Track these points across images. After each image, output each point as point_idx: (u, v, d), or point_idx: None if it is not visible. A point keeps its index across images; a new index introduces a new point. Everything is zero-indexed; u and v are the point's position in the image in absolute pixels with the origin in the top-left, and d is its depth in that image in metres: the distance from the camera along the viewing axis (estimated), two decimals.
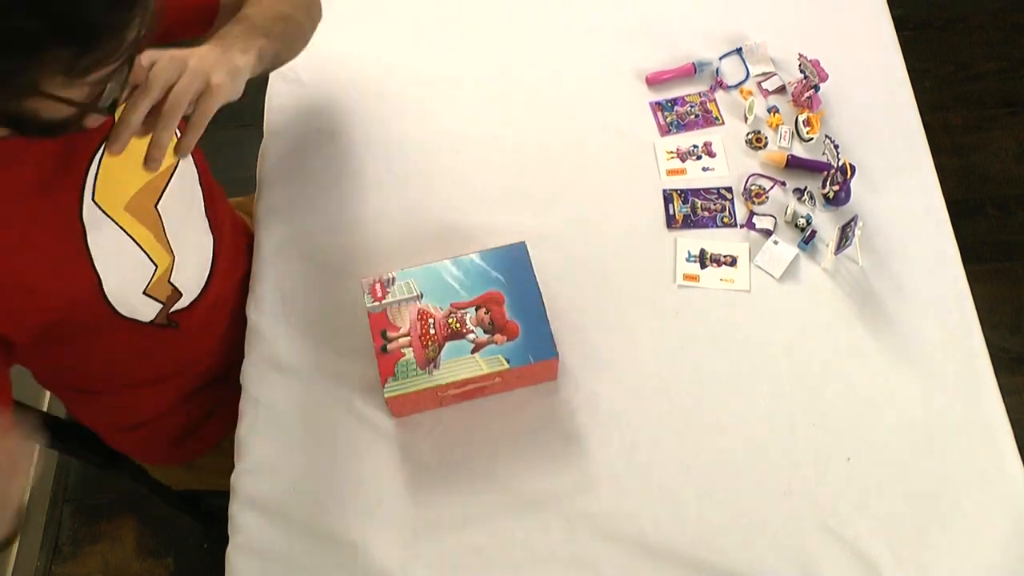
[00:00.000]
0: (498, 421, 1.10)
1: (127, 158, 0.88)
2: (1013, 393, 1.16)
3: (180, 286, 1.08)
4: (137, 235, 0.98)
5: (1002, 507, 1.04)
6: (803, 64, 1.27)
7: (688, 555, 1.02)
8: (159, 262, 1.02)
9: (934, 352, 1.12)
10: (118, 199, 0.96)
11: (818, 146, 1.26)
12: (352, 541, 1.04)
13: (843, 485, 1.05)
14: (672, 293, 1.17)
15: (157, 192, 1.02)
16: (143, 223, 0.99)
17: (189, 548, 1.78)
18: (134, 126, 0.84)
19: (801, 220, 1.20)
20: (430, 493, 1.06)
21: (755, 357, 1.13)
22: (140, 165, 0.90)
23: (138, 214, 0.98)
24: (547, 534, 1.03)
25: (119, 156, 0.86)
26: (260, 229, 1.25)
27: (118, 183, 0.95)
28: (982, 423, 1.08)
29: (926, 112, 1.30)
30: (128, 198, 0.97)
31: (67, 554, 1.79)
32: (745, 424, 1.09)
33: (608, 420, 1.10)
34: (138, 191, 0.98)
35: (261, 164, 1.30)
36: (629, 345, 1.14)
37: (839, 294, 1.16)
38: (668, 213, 1.22)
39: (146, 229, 1.00)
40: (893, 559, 1.01)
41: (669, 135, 1.29)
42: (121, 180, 0.96)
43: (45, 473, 1.82)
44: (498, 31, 1.40)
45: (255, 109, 1.36)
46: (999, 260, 2.06)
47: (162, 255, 1.03)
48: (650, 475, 1.06)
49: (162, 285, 1.05)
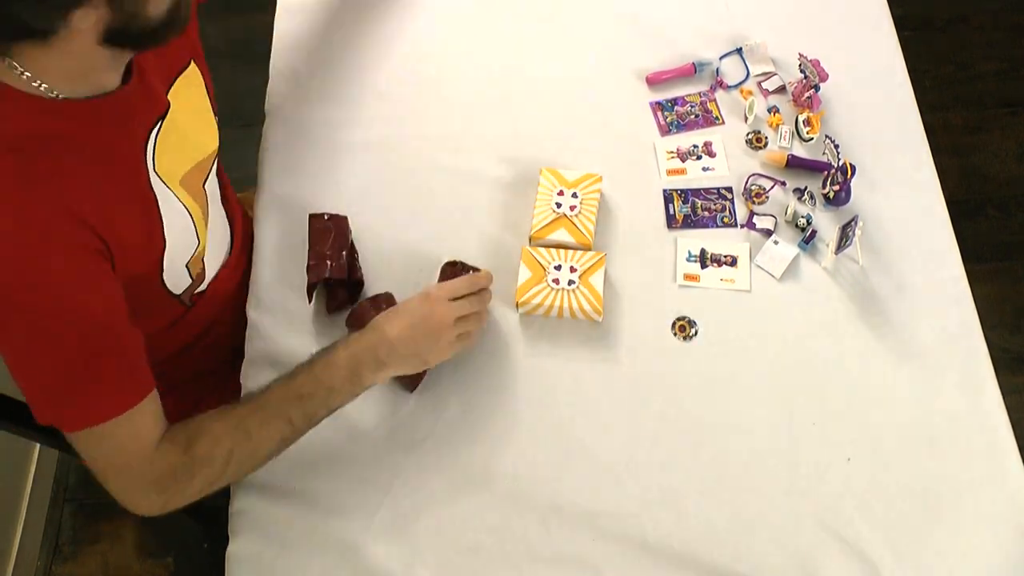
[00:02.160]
0: (498, 421, 1.10)
1: (179, 135, 0.98)
2: (1013, 393, 1.16)
3: (207, 266, 1.13)
4: (191, 209, 1.04)
5: (1002, 507, 1.04)
6: (803, 64, 1.27)
7: (688, 555, 1.02)
8: (201, 239, 1.07)
9: (934, 352, 1.12)
10: (174, 173, 1.01)
11: (818, 146, 1.25)
12: (352, 541, 1.04)
13: (843, 485, 1.05)
14: (672, 293, 1.17)
15: (205, 172, 1.09)
16: (194, 199, 1.05)
17: (189, 548, 1.78)
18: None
19: (801, 220, 1.20)
20: (430, 493, 1.06)
21: (755, 357, 1.13)
22: (190, 143, 1.03)
23: (190, 190, 1.04)
24: (547, 534, 1.04)
25: (171, 134, 0.97)
26: (260, 227, 1.25)
27: (172, 159, 1.00)
28: (982, 423, 1.08)
29: (926, 112, 1.30)
30: (183, 174, 1.03)
31: (67, 554, 1.78)
32: (745, 424, 1.09)
33: (608, 420, 1.10)
34: (189, 169, 1.04)
35: (260, 161, 1.30)
36: (629, 345, 1.14)
37: (839, 294, 1.16)
38: (668, 213, 1.22)
39: (197, 205, 1.06)
40: (893, 559, 1.01)
41: (669, 135, 1.29)
42: (174, 157, 1.01)
43: (45, 473, 1.82)
44: (498, 31, 1.40)
45: (255, 109, 1.36)
46: (999, 260, 2.06)
47: (203, 232, 1.08)
48: (650, 475, 1.06)
49: (197, 262, 1.09)
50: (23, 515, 1.74)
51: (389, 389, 1.11)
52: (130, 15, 0.80)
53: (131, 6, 0.79)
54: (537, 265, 1.14)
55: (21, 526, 1.73)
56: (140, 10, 0.80)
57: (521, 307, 1.13)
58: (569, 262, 1.14)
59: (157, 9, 0.82)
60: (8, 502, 1.72)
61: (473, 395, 1.11)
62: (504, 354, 1.14)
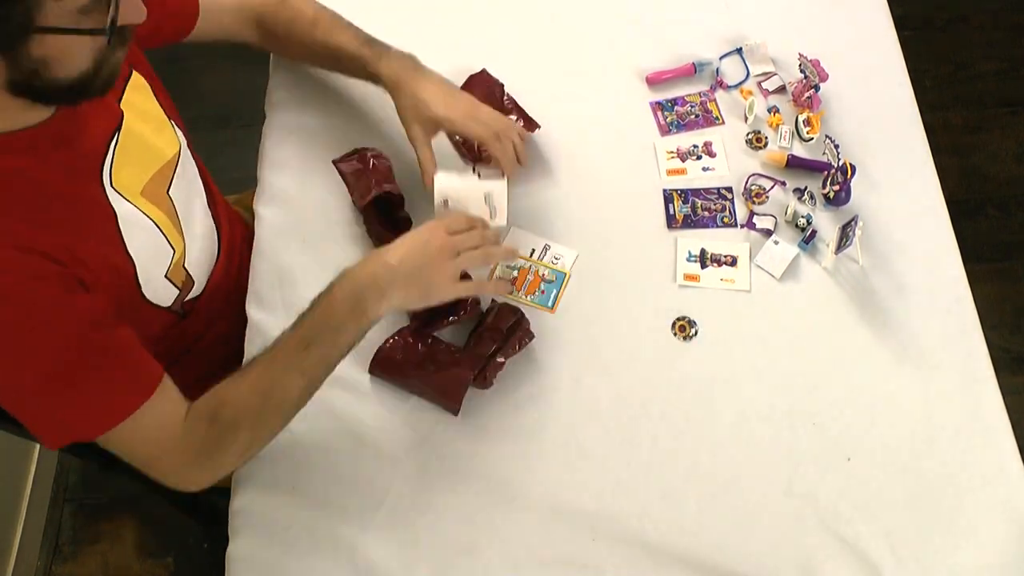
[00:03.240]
0: (498, 422, 1.10)
1: (137, 143, 0.97)
2: (1013, 393, 1.16)
3: (192, 273, 1.13)
4: (156, 219, 1.03)
5: (1002, 507, 1.04)
6: (803, 64, 1.27)
7: (688, 555, 1.02)
8: (175, 246, 1.07)
9: (934, 352, 1.12)
10: (134, 185, 1.00)
11: (818, 146, 1.25)
12: (352, 541, 1.04)
13: (843, 485, 1.05)
14: (672, 293, 1.17)
15: (167, 179, 1.07)
16: (160, 208, 1.04)
17: (189, 548, 1.78)
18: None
19: (801, 220, 1.20)
20: (430, 493, 1.06)
21: (755, 357, 1.13)
22: (149, 153, 1.01)
23: (154, 199, 1.03)
24: (547, 534, 1.03)
25: (129, 144, 0.96)
26: (259, 225, 1.25)
27: (131, 171, 1.00)
28: (982, 423, 1.08)
29: (926, 112, 1.30)
30: (143, 184, 1.02)
31: (67, 554, 1.78)
32: (745, 424, 1.09)
33: (608, 420, 1.09)
34: (151, 178, 1.03)
35: (260, 160, 1.30)
36: (630, 345, 1.14)
37: (839, 294, 1.16)
38: (668, 213, 1.22)
39: (163, 213, 1.05)
40: (893, 559, 1.01)
41: (669, 135, 1.29)
42: (134, 168, 1.00)
43: (45, 473, 1.82)
44: (498, 31, 1.40)
45: (255, 109, 1.36)
46: (999, 260, 2.06)
47: (177, 240, 1.07)
48: (650, 475, 1.06)
49: (178, 270, 1.09)
50: (23, 515, 1.74)
51: (389, 390, 1.11)
52: (29, 72, 0.79)
53: (29, 64, 0.78)
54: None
55: (21, 526, 1.73)
56: (43, 71, 0.79)
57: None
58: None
59: (65, 72, 0.81)
60: (8, 502, 1.72)
61: (472, 395, 1.11)
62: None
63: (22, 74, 0.79)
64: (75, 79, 0.82)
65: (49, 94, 0.83)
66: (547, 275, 1.18)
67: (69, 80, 0.82)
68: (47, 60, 0.79)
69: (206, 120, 1.80)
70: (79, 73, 0.82)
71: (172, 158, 1.08)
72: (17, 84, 0.80)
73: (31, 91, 0.81)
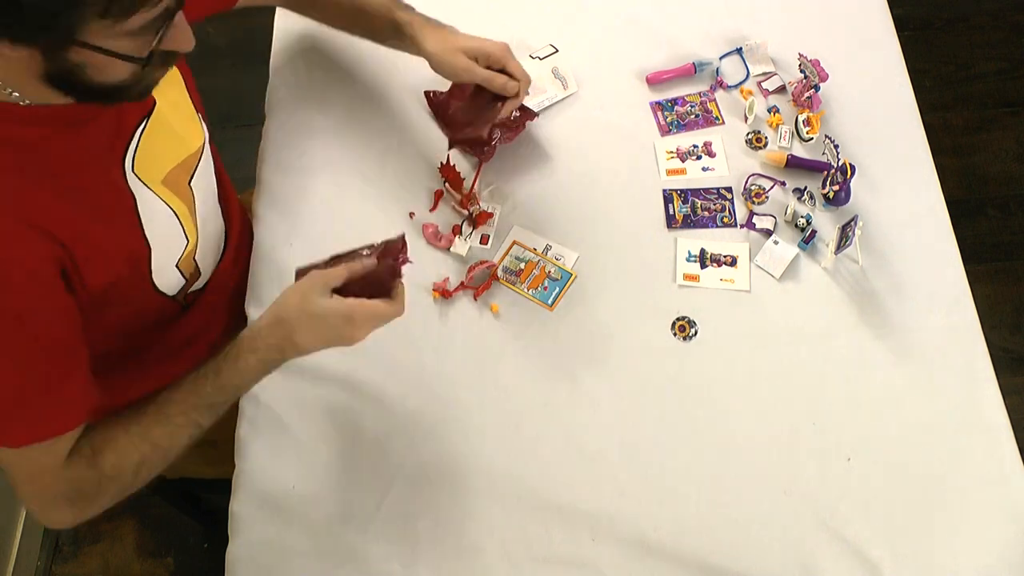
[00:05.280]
0: (498, 421, 1.10)
1: (166, 132, 0.97)
2: (1013, 393, 1.16)
3: (200, 265, 1.13)
4: (175, 207, 1.03)
5: (1002, 507, 1.04)
6: (803, 64, 1.27)
7: (688, 555, 1.02)
8: (190, 236, 1.07)
9: (934, 352, 1.12)
10: (156, 173, 1.01)
11: (818, 146, 1.25)
12: (352, 542, 1.04)
13: (843, 485, 1.05)
14: (672, 293, 1.17)
15: (190, 170, 1.07)
16: (180, 197, 1.04)
17: (189, 548, 1.78)
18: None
19: (801, 220, 1.20)
20: (430, 493, 1.06)
21: (755, 357, 1.13)
22: (176, 142, 1.02)
23: (175, 188, 1.04)
24: (547, 534, 1.04)
25: (157, 132, 0.96)
26: (259, 226, 1.25)
27: (155, 158, 1.00)
28: (982, 423, 1.08)
29: (926, 112, 1.30)
30: (165, 172, 1.02)
31: (67, 554, 1.79)
32: (745, 424, 1.09)
33: (608, 420, 1.10)
34: (174, 167, 1.04)
35: (260, 160, 1.30)
36: (630, 345, 1.14)
37: (839, 294, 1.16)
38: (668, 213, 1.22)
39: (182, 203, 1.05)
40: (893, 559, 1.01)
41: (669, 135, 1.29)
42: (158, 155, 1.01)
43: None
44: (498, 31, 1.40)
45: (255, 109, 1.36)
46: (999, 260, 2.06)
47: (192, 231, 1.07)
48: (650, 475, 1.06)
49: (189, 261, 1.09)
50: (23, 515, 1.74)
51: (389, 390, 1.11)
52: (66, 71, 0.79)
53: (66, 65, 0.78)
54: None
55: (21, 526, 1.73)
56: (80, 74, 0.79)
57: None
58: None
59: (102, 78, 0.81)
60: (8, 502, 1.72)
61: (472, 395, 1.11)
62: (503, 355, 1.14)
63: (59, 72, 0.79)
64: (111, 86, 0.82)
65: (83, 93, 0.82)
66: (553, 272, 1.18)
67: (105, 87, 0.82)
68: (85, 66, 0.79)
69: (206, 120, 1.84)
70: (116, 81, 0.82)
71: (197, 150, 1.09)
72: (52, 78, 0.80)
73: (65, 86, 0.81)
